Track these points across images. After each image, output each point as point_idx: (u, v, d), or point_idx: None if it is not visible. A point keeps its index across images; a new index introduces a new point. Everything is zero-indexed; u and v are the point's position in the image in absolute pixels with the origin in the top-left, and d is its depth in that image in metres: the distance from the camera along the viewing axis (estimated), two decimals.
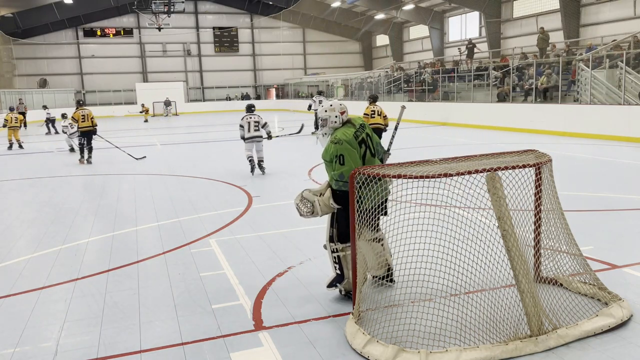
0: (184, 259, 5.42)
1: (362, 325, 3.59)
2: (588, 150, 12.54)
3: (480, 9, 29.15)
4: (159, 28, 35.79)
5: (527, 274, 3.49)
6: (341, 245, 4.15)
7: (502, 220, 3.52)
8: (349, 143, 4.07)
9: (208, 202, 8.12)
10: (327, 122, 4.26)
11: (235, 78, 44.71)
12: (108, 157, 14.45)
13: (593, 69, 15.35)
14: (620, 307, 3.67)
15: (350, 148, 4.08)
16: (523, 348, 3.28)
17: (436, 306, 3.63)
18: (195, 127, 25.59)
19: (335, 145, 4.05)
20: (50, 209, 8.17)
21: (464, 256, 3.64)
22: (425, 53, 35.56)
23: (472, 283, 3.91)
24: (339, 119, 4.23)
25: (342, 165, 4.00)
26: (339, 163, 4.01)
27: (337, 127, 4.23)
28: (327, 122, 4.26)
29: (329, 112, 4.24)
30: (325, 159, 4.13)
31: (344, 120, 4.27)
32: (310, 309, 4.08)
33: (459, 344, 3.31)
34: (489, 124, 18.80)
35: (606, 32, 21.54)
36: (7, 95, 33.99)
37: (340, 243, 4.15)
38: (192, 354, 3.48)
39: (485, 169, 3.44)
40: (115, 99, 40.75)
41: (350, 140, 4.09)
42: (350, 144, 4.07)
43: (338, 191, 4.03)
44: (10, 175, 11.93)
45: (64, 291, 4.66)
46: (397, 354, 3.22)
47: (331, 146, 4.08)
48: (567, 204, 5.23)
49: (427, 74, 24.74)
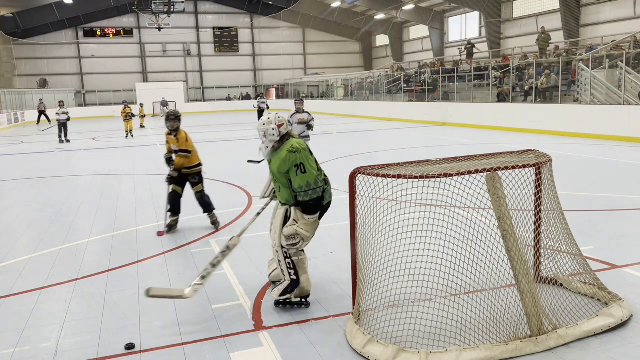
0: (184, 259, 5.42)
1: (362, 325, 3.59)
2: (588, 150, 12.54)
3: (480, 9, 29.16)
4: (159, 28, 35.81)
5: (527, 274, 3.49)
6: (293, 250, 4.00)
7: (502, 220, 3.51)
8: (305, 149, 3.90)
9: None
10: (266, 136, 3.99)
11: (235, 78, 44.73)
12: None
13: (593, 69, 15.34)
14: (620, 307, 3.67)
15: (309, 155, 3.91)
16: (523, 348, 3.28)
17: (436, 306, 3.63)
18: (195, 127, 25.58)
19: (293, 154, 3.81)
20: (50, 209, 8.17)
21: (463, 256, 3.64)
22: (425, 53, 35.56)
23: (472, 283, 3.90)
24: (276, 132, 3.94)
25: (305, 174, 3.80)
26: (301, 172, 3.79)
27: (276, 140, 3.95)
28: (266, 136, 3.99)
29: (266, 125, 3.96)
30: (282, 170, 3.87)
31: (283, 134, 3.98)
32: (310, 309, 4.08)
33: (459, 344, 3.31)
34: (489, 124, 18.80)
35: (606, 32, 21.56)
36: (7, 95, 34.02)
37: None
38: (192, 354, 3.48)
39: (485, 169, 3.44)
40: (115, 99, 40.72)
41: (305, 147, 3.92)
42: (306, 150, 3.91)
43: (310, 201, 3.83)
44: (10, 175, 11.93)
45: (64, 291, 4.66)
46: (397, 354, 3.22)
47: (289, 156, 3.83)
48: (567, 204, 5.24)
49: (427, 73, 24.74)
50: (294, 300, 4.10)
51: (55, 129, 20.43)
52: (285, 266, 4.03)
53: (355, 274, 3.72)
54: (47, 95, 36.68)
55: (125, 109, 20.55)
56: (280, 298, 4.08)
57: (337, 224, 5.83)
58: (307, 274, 4.12)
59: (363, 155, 12.73)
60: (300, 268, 4.04)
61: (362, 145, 15.06)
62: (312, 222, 3.90)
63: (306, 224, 3.88)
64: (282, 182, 3.94)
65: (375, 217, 3.65)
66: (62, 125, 19.10)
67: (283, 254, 4.02)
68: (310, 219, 3.88)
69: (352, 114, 29.19)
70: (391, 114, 25.57)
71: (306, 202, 3.84)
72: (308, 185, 3.80)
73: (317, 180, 3.87)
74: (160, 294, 3.99)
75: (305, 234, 3.88)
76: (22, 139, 22.71)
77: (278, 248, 4.04)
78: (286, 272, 4.05)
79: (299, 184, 3.82)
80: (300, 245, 3.93)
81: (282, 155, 3.89)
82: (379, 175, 3.50)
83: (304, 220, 3.88)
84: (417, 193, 3.60)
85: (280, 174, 3.91)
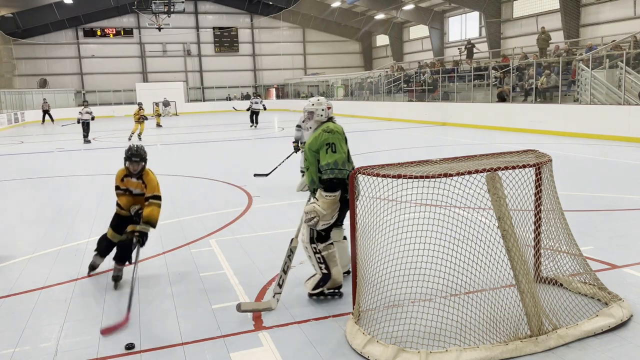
0: (184, 259, 5.42)
1: (362, 325, 3.59)
2: (588, 150, 12.54)
3: (480, 9, 29.16)
4: (159, 28, 35.78)
5: (527, 274, 3.49)
6: (322, 245, 4.11)
7: (502, 220, 3.52)
8: (340, 134, 4.10)
9: (208, 202, 8.12)
10: (313, 116, 4.24)
11: (235, 78, 44.71)
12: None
13: (593, 69, 15.34)
14: (620, 307, 3.67)
15: (341, 139, 4.10)
16: (523, 348, 3.28)
17: (436, 306, 3.63)
18: (195, 127, 25.59)
19: (327, 133, 4.05)
20: (50, 209, 8.17)
21: (463, 256, 3.64)
22: (425, 53, 35.56)
23: (472, 283, 3.90)
24: (325, 113, 4.24)
25: (335, 153, 3.98)
26: (332, 151, 3.97)
27: (323, 121, 4.23)
28: (313, 116, 4.24)
29: (316, 106, 4.24)
30: (312, 148, 4.07)
31: (329, 116, 4.28)
32: (310, 309, 4.08)
33: (459, 344, 3.31)
34: (489, 124, 18.80)
35: (606, 32, 21.55)
36: (7, 95, 34.02)
37: (321, 243, 4.11)
38: (192, 354, 3.48)
39: (485, 169, 3.44)
40: (115, 99, 40.73)
41: (341, 132, 4.13)
42: (341, 134, 4.10)
43: (335, 179, 3.97)
44: (10, 175, 11.92)
45: (64, 291, 4.66)
46: (397, 354, 3.22)
47: (322, 134, 4.05)
48: (567, 204, 5.23)
49: (427, 73, 24.73)
50: (327, 292, 4.19)
51: (76, 127, 19.78)
52: (316, 261, 4.14)
53: (355, 273, 3.72)
54: (47, 95, 36.66)
55: (139, 111, 18.94)
56: (313, 292, 4.19)
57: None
58: (338, 265, 4.20)
59: (363, 155, 12.73)
60: (330, 261, 4.12)
61: (362, 145, 15.05)
62: (331, 201, 3.98)
63: (324, 201, 3.98)
64: (311, 161, 4.10)
65: (375, 217, 3.66)
66: (86, 124, 18.74)
67: (312, 249, 4.12)
68: (329, 196, 3.97)
69: (352, 114, 29.19)
70: (391, 114, 25.56)
71: (329, 180, 3.96)
72: (335, 164, 3.95)
73: (345, 162, 4.03)
74: (251, 308, 4.01)
75: (322, 212, 3.96)
76: (22, 139, 22.73)
77: (307, 244, 4.14)
78: (317, 266, 4.16)
79: (327, 161, 3.97)
80: (317, 222, 3.99)
81: (316, 133, 4.10)
82: (379, 175, 3.51)
83: (322, 198, 3.99)
84: (417, 193, 3.60)
85: (311, 152, 4.08)
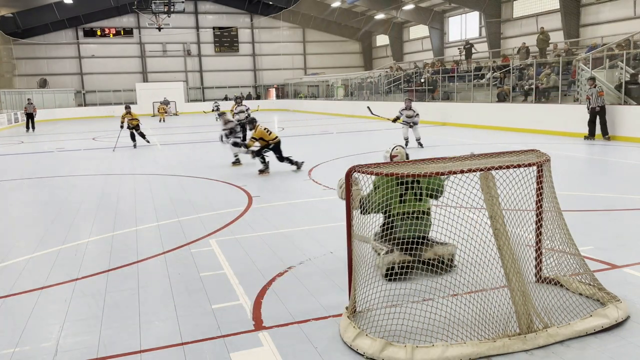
0: (184, 259, 5.42)
1: (354, 320, 3.62)
2: (588, 150, 12.54)
3: (480, 9, 29.16)
4: (159, 28, 35.77)
5: (518, 273, 3.49)
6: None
7: (494, 219, 3.53)
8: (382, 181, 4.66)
9: (208, 202, 8.12)
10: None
11: (235, 78, 44.71)
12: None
13: (593, 69, 15.34)
14: (616, 308, 3.66)
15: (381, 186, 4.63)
16: (511, 345, 3.28)
17: (428, 303, 3.63)
18: (195, 127, 25.59)
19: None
20: (50, 209, 8.17)
21: (459, 255, 3.64)
22: (425, 53, 35.55)
23: (464, 282, 3.90)
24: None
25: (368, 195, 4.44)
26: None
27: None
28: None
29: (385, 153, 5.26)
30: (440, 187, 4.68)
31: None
32: (310, 309, 4.08)
33: (446, 339, 3.33)
34: (489, 124, 18.80)
35: (606, 32, 21.55)
36: (7, 95, 34.02)
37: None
38: (192, 354, 3.48)
39: (479, 168, 3.45)
40: (115, 99, 40.71)
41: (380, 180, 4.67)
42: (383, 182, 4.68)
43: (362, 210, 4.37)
44: (10, 175, 11.93)
45: (64, 291, 4.66)
46: (384, 347, 3.26)
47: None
48: (567, 204, 5.24)
49: (427, 73, 24.72)
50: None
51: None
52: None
53: (351, 270, 3.74)
54: (47, 95, 36.67)
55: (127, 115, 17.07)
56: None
57: (337, 224, 5.84)
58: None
59: (363, 155, 12.73)
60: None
61: (362, 145, 15.05)
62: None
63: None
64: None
65: (372, 216, 3.67)
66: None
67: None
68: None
69: (352, 114, 29.18)
70: (391, 114, 25.50)
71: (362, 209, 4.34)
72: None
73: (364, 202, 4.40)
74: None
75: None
76: (22, 139, 22.73)
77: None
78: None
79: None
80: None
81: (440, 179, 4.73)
82: (374, 174, 3.54)
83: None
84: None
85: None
